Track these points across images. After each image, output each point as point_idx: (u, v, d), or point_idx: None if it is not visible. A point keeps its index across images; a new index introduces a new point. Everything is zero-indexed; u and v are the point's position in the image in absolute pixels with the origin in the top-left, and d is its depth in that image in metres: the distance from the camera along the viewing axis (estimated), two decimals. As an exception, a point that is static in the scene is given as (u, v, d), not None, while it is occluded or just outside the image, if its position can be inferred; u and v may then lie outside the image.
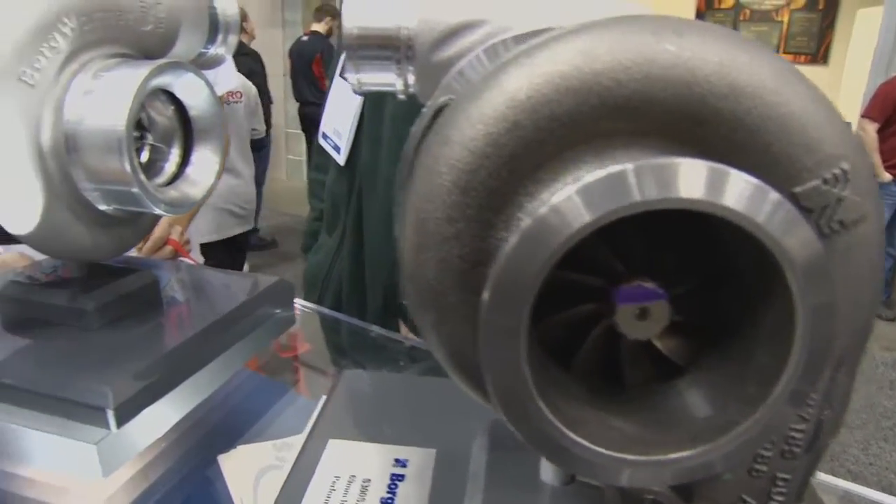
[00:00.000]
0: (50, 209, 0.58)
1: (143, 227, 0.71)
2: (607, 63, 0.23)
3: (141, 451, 0.60)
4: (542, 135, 0.23)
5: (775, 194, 0.21)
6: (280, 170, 6.69)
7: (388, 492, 0.49)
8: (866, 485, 0.62)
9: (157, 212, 0.62)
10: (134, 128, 0.58)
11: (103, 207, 0.62)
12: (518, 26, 0.34)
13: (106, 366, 0.60)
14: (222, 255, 2.98)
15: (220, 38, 0.75)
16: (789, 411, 0.21)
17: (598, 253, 0.24)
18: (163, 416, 0.62)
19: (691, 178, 0.21)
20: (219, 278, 0.83)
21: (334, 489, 0.49)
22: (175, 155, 0.68)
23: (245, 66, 3.90)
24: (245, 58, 4.13)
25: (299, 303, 0.94)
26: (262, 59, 4.54)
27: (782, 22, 5.82)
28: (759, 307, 0.23)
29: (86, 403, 0.56)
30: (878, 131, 3.78)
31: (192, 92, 0.65)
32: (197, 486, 0.65)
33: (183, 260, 1.16)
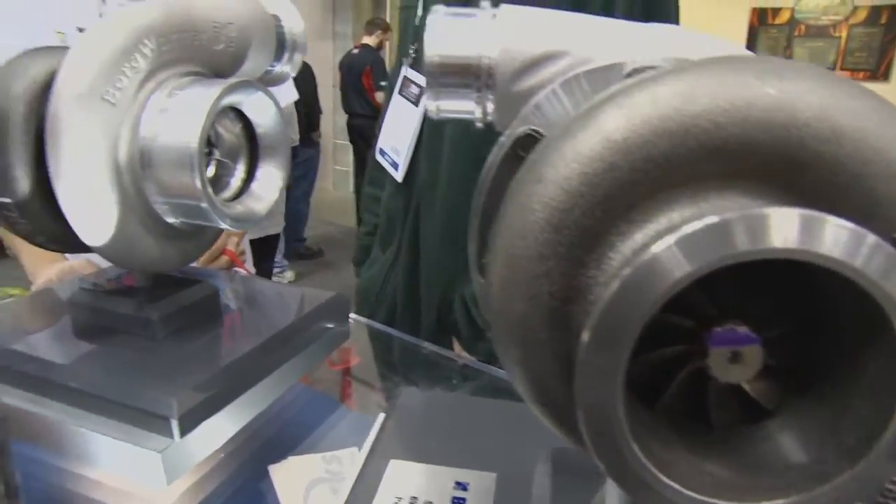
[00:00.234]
0: (124, 222, 0.60)
1: (207, 241, 0.73)
2: (706, 105, 0.23)
3: (201, 460, 0.61)
4: (638, 176, 0.23)
5: (873, 238, 0.21)
6: (327, 180, 6.78)
7: (449, 515, 0.49)
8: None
9: (223, 226, 0.64)
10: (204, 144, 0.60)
11: (171, 220, 0.64)
12: (599, 59, 0.34)
13: (170, 376, 0.61)
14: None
15: (287, 56, 0.77)
16: (893, 467, 0.21)
17: (689, 294, 0.24)
18: (222, 427, 0.63)
19: (787, 227, 0.21)
20: (276, 291, 0.85)
21: (395, 510, 0.49)
22: (240, 170, 0.70)
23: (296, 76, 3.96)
24: (296, 69, 4.19)
25: (351, 316, 0.94)
26: (312, 71, 4.62)
27: (840, 37, 5.67)
28: (860, 354, 0.23)
29: (151, 412, 0.58)
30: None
31: (260, 110, 0.66)
32: (248, 496, 0.66)
33: (238, 270, 1.18)
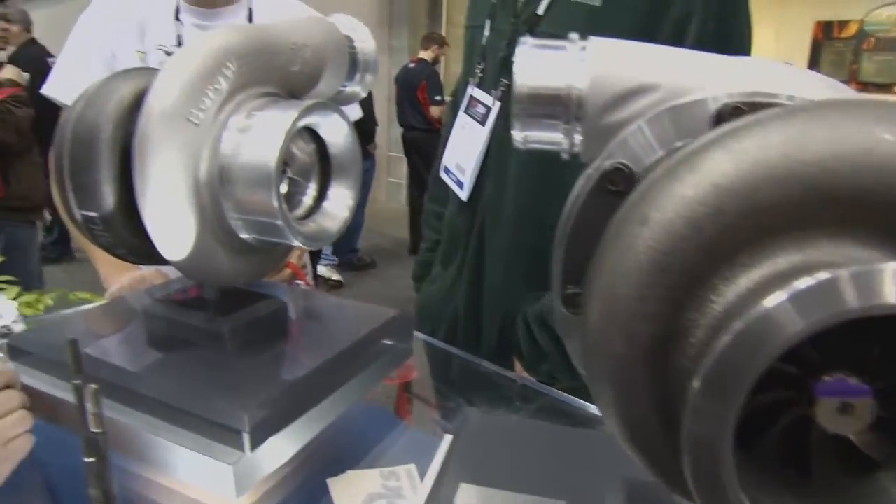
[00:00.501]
0: (201, 238, 0.62)
1: (278, 257, 0.75)
2: (818, 152, 0.22)
3: (268, 473, 0.62)
4: (744, 221, 0.23)
5: None
6: (380, 191, 6.86)
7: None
8: None
9: (296, 244, 0.65)
10: (280, 163, 0.61)
11: (245, 236, 0.66)
12: (690, 92, 0.34)
13: (242, 390, 0.62)
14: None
15: (359, 76, 0.78)
16: None
17: (794, 341, 0.24)
18: (289, 442, 0.64)
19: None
20: (341, 307, 0.86)
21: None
22: (312, 189, 0.71)
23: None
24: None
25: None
26: (368, 84, 4.67)
27: (912, 51, 5.46)
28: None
29: (224, 425, 0.59)
30: None
31: (335, 131, 0.68)
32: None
33: (298, 283, 1.20)
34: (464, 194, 0.97)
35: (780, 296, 0.20)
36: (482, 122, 0.94)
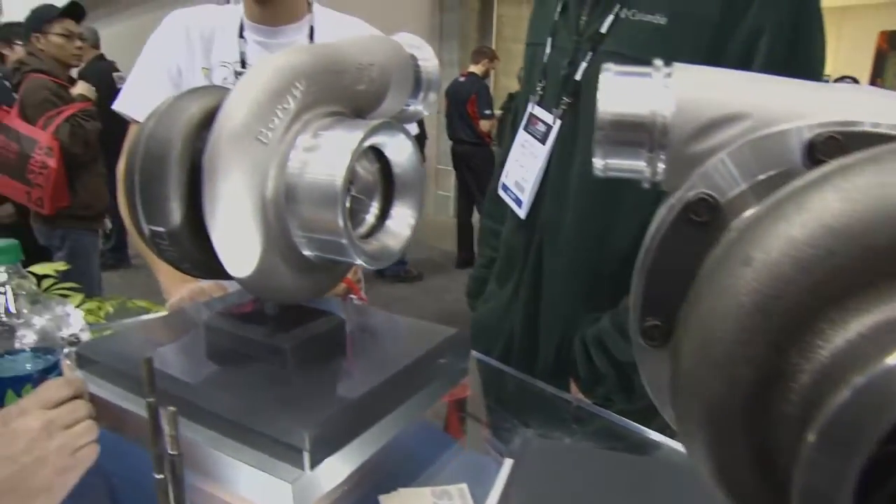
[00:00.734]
0: (266, 255, 0.63)
1: (338, 275, 0.75)
2: (940, 192, 0.21)
3: (326, 492, 0.62)
4: (856, 264, 0.22)
5: None
6: (428, 204, 6.89)
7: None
8: None
9: (359, 262, 0.65)
10: (346, 182, 0.62)
11: (308, 254, 0.66)
12: (780, 122, 0.33)
13: (302, 408, 0.63)
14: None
15: (422, 95, 0.78)
16: None
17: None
18: (347, 461, 0.64)
19: None
20: (398, 325, 0.86)
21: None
22: (375, 207, 0.71)
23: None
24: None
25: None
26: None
27: None
28: None
29: (285, 443, 0.59)
30: None
31: (399, 150, 0.68)
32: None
33: (352, 297, 1.21)
34: (522, 212, 0.96)
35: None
36: (542, 140, 0.93)
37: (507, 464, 0.61)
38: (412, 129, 1.25)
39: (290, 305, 0.75)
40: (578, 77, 0.90)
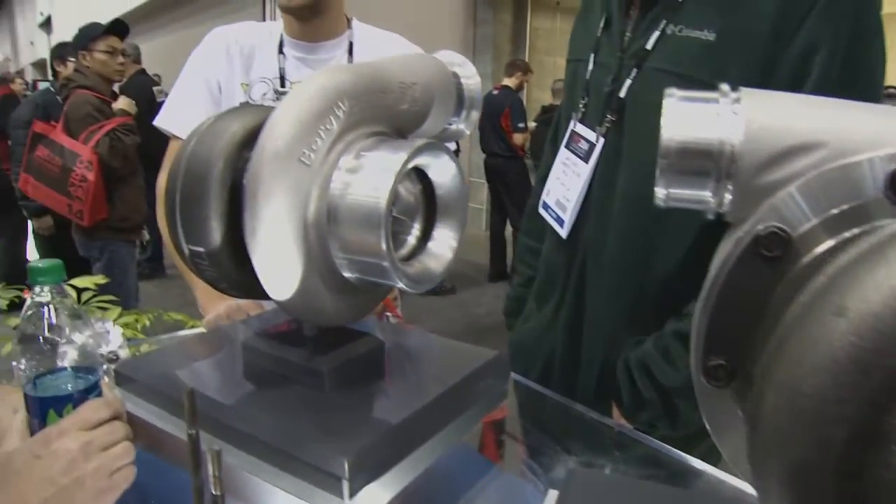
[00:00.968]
0: (307, 277, 0.61)
1: (379, 297, 0.74)
2: None
3: (364, 520, 0.61)
4: (972, 316, 0.20)
5: None
6: (459, 216, 6.88)
7: None
8: None
9: (400, 285, 0.64)
10: (388, 203, 0.60)
11: (348, 275, 0.65)
12: (858, 152, 0.31)
13: (342, 434, 0.61)
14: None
15: (465, 113, 0.77)
16: None
17: None
18: (386, 487, 0.62)
19: None
20: (437, 346, 0.84)
21: None
22: (416, 229, 0.70)
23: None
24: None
25: (505, 373, 0.92)
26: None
27: None
28: None
29: (324, 470, 0.58)
30: None
31: (443, 171, 0.67)
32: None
33: (388, 314, 1.20)
34: (563, 232, 0.94)
35: None
36: (585, 158, 0.91)
37: (553, 495, 0.59)
38: (450, 145, 1.25)
39: (328, 327, 0.74)
40: (623, 94, 0.87)
